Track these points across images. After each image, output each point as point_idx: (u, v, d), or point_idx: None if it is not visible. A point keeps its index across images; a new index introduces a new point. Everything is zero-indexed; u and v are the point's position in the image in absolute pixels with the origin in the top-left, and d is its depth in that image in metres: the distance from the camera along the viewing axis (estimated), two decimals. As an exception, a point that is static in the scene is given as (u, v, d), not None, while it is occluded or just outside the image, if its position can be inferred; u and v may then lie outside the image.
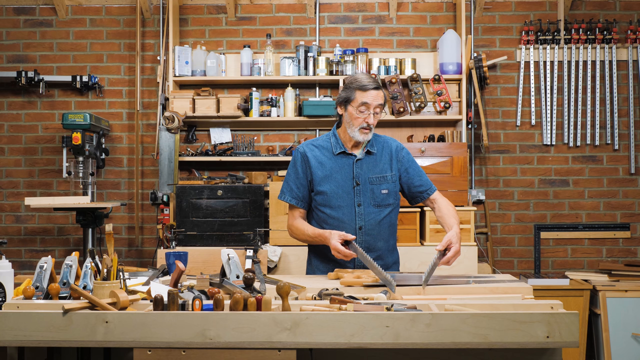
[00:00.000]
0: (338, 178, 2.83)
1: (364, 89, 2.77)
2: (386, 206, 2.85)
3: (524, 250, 4.93)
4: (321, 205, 2.85)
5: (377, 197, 2.83)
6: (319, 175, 2.84)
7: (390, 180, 2.86)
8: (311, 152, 2.88)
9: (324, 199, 2.84)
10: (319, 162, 2.85)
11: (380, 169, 2.86)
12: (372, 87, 2.77)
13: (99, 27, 5.03)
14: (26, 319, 1.91)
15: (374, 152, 2.87)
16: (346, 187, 2.82)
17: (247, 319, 1.87)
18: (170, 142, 4.57)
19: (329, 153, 2.87)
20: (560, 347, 1.91)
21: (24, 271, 4.86)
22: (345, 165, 2.84)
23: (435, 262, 2.47)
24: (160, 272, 2.74)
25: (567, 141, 4.88)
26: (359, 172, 2.83)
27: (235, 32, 5.00)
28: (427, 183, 2.91)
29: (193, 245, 4.08)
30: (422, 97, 4.64)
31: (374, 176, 2.84)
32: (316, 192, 2.85)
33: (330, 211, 2.83)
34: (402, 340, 1.85)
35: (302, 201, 2.88)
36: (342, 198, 2.82)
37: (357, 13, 5.00)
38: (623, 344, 4.11)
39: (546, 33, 4.86)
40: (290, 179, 2.90)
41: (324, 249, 2.83)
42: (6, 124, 5.03)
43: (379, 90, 2.78)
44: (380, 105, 2.79)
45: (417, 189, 2.89)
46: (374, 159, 2.86)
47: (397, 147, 2.91)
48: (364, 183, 2.83)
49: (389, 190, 2.85)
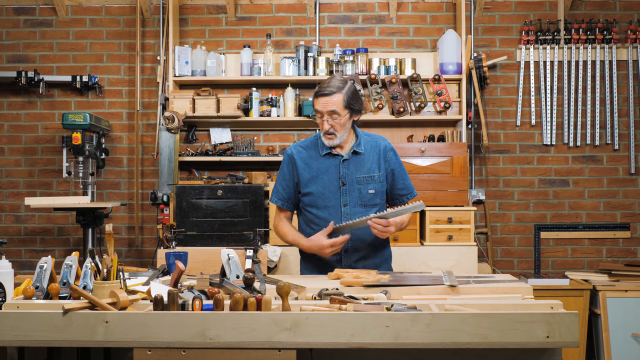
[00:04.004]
0: (324, 179, 2.84)
1: (315, 96, 2.79)
2: (373, 206, 2.85)
3: (524, 250, 4.93)
4: (308, 206, 2.87)
5: (363, 197, 2.83)
6: (305, 177, 2.86)
7: (378, 180, 2.86)
8: (298, 153, 2.89)
9: (310, 199, 2.85)
10: (305, 163, 2.86)
11: (368, 169, 2.85)
12: (321, 94, 2.75)
13: (99, 27, 5.03)
14: (26, 319, 1.91)
15: (361, 152, 2.86)
16: (332, 187, 2.83)
17: (247, 319, 1.87)
18: (170, 142, 4.57)
19: (316, 154, 2.87)
20: (560, 347, 1.91)
21: (24, 271, 4.86)
22: (332, 165, 2.84)
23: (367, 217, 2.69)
24: (160, 272, 2.73)
25: (567, 141, 4.88)
26: (346, 172, 2.83)
27: (235, 32, 5.00)
28: (409, 187, 2.94)
29: (193, 245, 4.08)
30: (422, 97, 4.64)
31: (361, 176, 2.84)
32: (303, 194, 2.87)
33: (316, 211, 2.84)
34: (402, 340, 1.85)
35: (287, 202, 2.91)
36: (328, 198, 2.82)
37: (357, 13, 5.00)
38: (623, 344, 4.11)
39: (546, 33, 4.86)
40: (278, 180, 2.94)
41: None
42: (6, 124, 5.03)
43: (330, 96, 2.73)
44: (332, 111, 2.74)
45: (400, 191, 2.91)
46: (361, 159, 2.86)
47: (385, 147, 2.90)
48: (351, 183, 2.83)
49: (376, 190, 2.85)
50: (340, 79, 2.80)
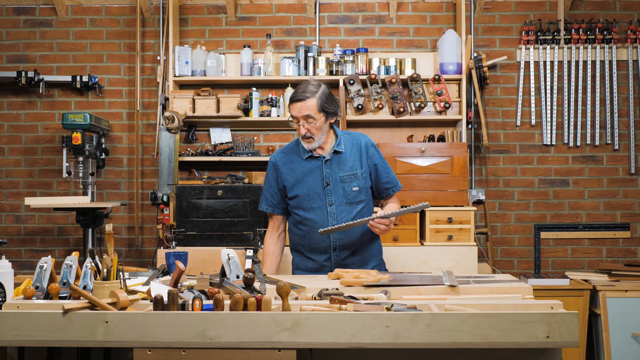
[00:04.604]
0: (309, 181, 2.90)
1: (290, 102, 2.88)
2: (358, 203, 2.92)
3: (524, 250, 4.93)
4: (295, 208, 2.94)
5: (348, 195, 2.89)
6: (290, 181, 2.93)
7: (361, 177, 2.92)
8: (281, 159, 2.97)
9: (297, 202, 2.93)
10: (289, 168, 2.94)
11: (350, 167, 2.91)
12: (295, 99, 2.84)
13: (99, 27, 5.03)
14: (26, 319, 1.91)
15: (342, 151, 2.92)
16: (317, 188, 2.89)
17: (247, 319, 1.87)
18: (170, 142, 4.57)
19: (299, 158, 2.94)
20: (560, 347, 1.91)
21: (24, 271, 4.86)
22: (315, 167, 2.91)
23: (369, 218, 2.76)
24: (160, 272, 2.73)
25: (567, 141, 4.88)
26: (329, 172, 2.90)
27: (235, 32, 5.00)
28: (393, 180, 3.01)
29: (193, 245, 4.08)
30: (422, 97, 4.64)
31: (344, 174, 2.90)
32: (290, 197, 2.94)
33: (303, 213, 2.91)
34: (402, 340, 1.85)
35: (277, 207, 3.01)
36: (314, 199, 2.89)
37: (357, 13, 5.00)
38: (623, 344, 4.11)
39: (546, 33, 4.86)
40: (264, 188, 3.03)
41: (302, 249, 2.97)
42: (6, 124, 5.03)
43: (304, 102, 2.82)
44: (307, 116, 2.82)
45: (384, 185, 2.99)
46: (343, 158, 2.92)
47: (366, 144, 2.96)
48: (335, 182, 2.89)
49: (360, 187, 2.91)
50: (314, 83, 2.88)
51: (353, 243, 2.92)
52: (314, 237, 2.90)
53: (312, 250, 2.95)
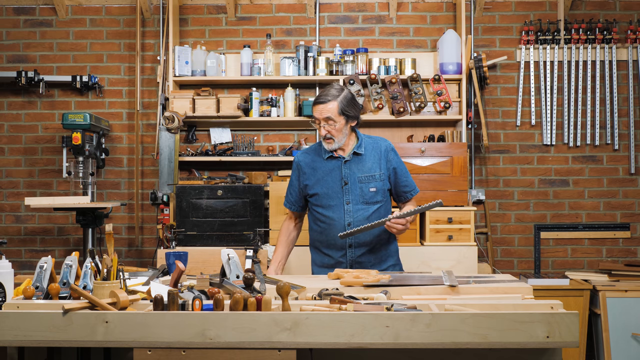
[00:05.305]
0: (328, 180, 3.02)
1: (313, 104, 2.99)
2: (374, 203, 3.01)
3: (524, 250, 4.93)
4: (315, 206, 3.06)
5: (365, 195, 3.00)
6: (311, 180, 3.06)
7: (379, 179, 3.02)
8: (304, 159, 3.11)
9: (317, 199, 3.05)
10: (311, 167, 3.07)
11: (369, 168, 3.02)
12: (317, 102, 2.96)
13: (99, 27, 5.03)
14: (26, 319, 1.91)
15: (362, 153, 3.03)
16: (335, 187, 3.01)
17: (247, 319, 1.87)
18: (170, 142, 4.57)
19: (320, 158, 3.07)
20: (560, 347, 1.91)
21: (24, 271, 4.86)
22: (335, 167, 3.03)
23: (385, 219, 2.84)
24: (160, 272, 2.74)
25: (567, 141, 4.88)
26: (348, 172, 3.01)
27: (235, 32, 5.00)
28: (411, 184, 3.12)
29: (193, 245, 4.08)
30: (422, 97, 4.64)
31: (362, 175, 3.01)
32: (310, 195, 3.07)
33: (322, 210, 3.03)
34: (402, 340, 1.85)
35: (294, 205, 3.15)
36: (332, 198, 3.01)
37: (357, 13, 5.00)
38: (623, 344, 4.11)
39: (546, 33, 4.86)
40: (289, 185, 3.18)
41: (319, 245, 3.06)
42: (6, 124, 5.03)
43: (325, 104, 2.93)
44: (327, 118, 2.93)
45: (403, 188, 3.09)
46: (362, 159, 3.03)
47: (386, 148, 3.07)
48: (353, 182, 3.00)
49: (377, 188, 3.01)
50: (337, 87, 2.99)
51: (369, 241, 3.00)
52: (331, 233, 3.00)
53: (329, 247, 3.03)
